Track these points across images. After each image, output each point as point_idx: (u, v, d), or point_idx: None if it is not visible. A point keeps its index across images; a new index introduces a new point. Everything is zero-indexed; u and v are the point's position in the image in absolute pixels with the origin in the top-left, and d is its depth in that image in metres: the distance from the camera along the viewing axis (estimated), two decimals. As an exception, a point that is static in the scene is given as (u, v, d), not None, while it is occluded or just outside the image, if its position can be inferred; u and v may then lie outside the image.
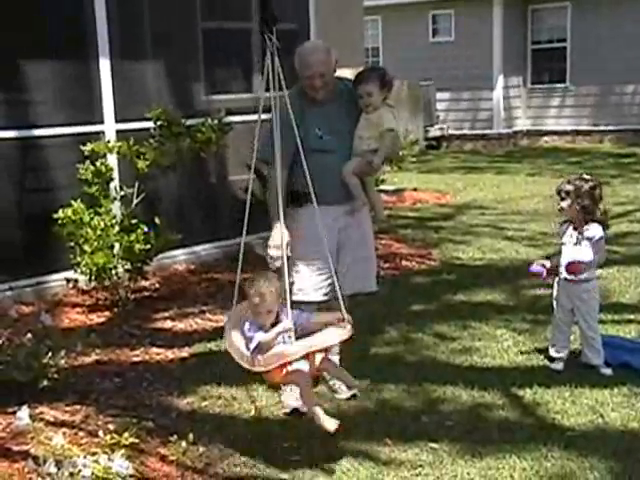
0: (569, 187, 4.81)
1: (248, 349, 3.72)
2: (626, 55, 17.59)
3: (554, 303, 5.05)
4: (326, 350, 3.92)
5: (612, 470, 3.74)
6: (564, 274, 4.88)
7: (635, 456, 3.85)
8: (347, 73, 4.81)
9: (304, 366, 3.76)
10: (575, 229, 4.86)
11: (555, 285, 5.04)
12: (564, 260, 4.87)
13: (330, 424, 3.72)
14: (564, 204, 4.84)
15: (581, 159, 15.97)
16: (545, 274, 4.95)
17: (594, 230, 4.79)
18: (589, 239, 4.79)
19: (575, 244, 4.84)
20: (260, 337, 3.69)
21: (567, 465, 3.79)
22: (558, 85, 19.15)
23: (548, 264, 4.96)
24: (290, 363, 3.70)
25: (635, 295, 6.50)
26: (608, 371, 4.84)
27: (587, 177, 4.90)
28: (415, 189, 12.53)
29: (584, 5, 18.29)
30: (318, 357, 3.82)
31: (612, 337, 5.18)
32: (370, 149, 4.32)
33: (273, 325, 3.74)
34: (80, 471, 3.38)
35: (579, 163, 15.39)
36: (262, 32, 3.87)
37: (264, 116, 4.09)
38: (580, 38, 18.43)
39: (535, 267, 4.97)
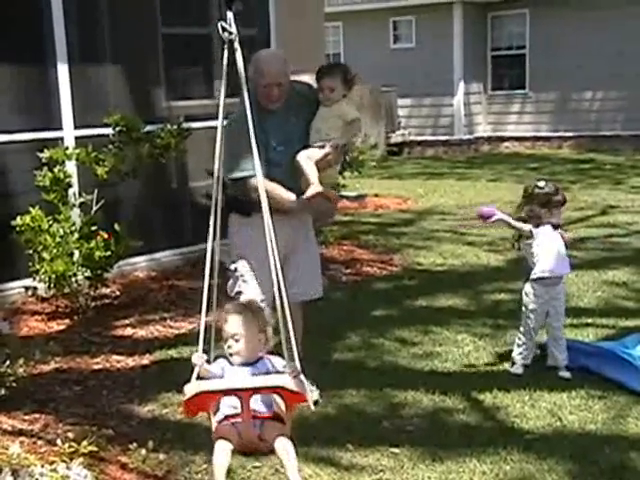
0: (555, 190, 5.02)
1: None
2: (584, 62, 17.86)
3: (527, 310, 5.03)
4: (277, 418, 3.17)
5: (570, 472, 3.79)
6: (545, 274, 4.94)
7: (592, 458, 3.90)
8: (308, 79, 4.81)
9: (234, 422, 3.10)
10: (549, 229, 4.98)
11: (529, 291, 5.01)
12: (559, 259, 4.96)
13: None
14: (563, 195, 5.02)
15: (541, 165, 16.16)
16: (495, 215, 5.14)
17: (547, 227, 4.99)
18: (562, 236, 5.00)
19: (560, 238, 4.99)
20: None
21: (526, 468, 3.83)
22: (518, 91, 19.38)
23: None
24: (215, 413, 3.16)
25: (593, 299, 6.59)
26: (567, 374, 4.90)
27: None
28: (377, 195, 12.59)
29: (542, 12, 18.54)
30: (256, 425, 3.09)
31: (571, 341, 5.23)
32: (329, 139, 4.29)
33: (253, 363, 3.23)
34: (37, 480, 3.34)
35: (539, 169, 15.58)
36: (220, 19, 3.68)
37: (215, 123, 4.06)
38: (539, 45, 18.67)
39: (486, 209, 5.20)
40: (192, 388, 3.07)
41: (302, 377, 3.10)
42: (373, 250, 8.74)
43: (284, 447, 3.06)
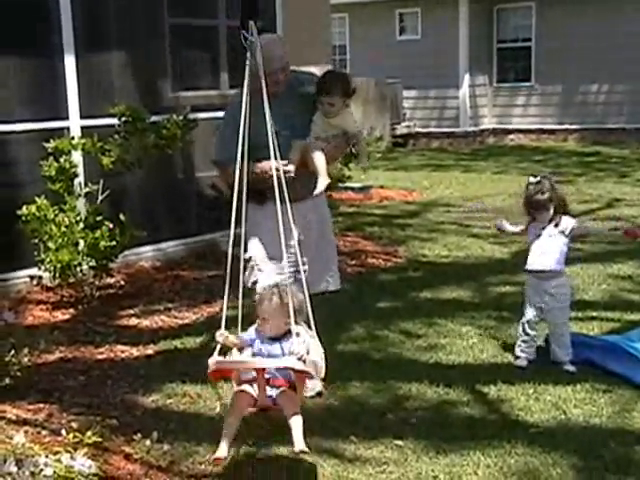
0: (546, 182, 4.96)
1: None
2: (590, 55, 17.80)
3: (526, 302, 5.07)
4: (290, 386, 3.64)
5: (574, 466, 3.79)
6: (536, 265, 4.94)
7: (597, 452, 3.90)
8: (315, 72, 4.80)
9: (249, 389, 3.60)
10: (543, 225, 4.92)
11: (525, 282, 5.09)
12: (538, 250, 4.94)
13: (219, 451, 3.50)
14: (545, 197, 4.90)
15: (546, 157, 16.14)
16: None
17: (568, 222, 4.91)
18: (563, 232, 4.90)
19: (550, 236, 4.91)
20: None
21: (530, 461, 3.83)
22: (523, 84, 19.32)
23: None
24: (239, 378, 3.65)
25: (597, 292, 6.58)
26: (572, 368, 4.89)
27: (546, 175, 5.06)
28: (382, 187, 12.57)
29: (548, 5, 18.48)
30: (273, 390, 3.59)
31: (575, 334, 5.22)
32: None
33: (280, 338, 3.69)
34: (42, 470, 3.34)
35: (544, 161, 15.55)
36: (241, 26, 3.83)
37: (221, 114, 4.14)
38: (544, 38, 18.61)
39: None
40: (212, 363, 3.56)
41: (311, 357, 3.56)
42: (378, 242, 8.73)
43: (295, 422, 3.54)
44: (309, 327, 3.80)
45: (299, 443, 3.48)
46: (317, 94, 4.36)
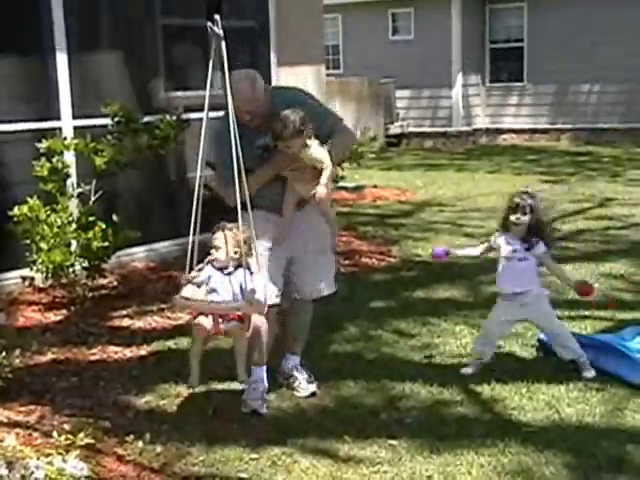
0: (530, 201, 4.72)
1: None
2: (582, 55, 17.83)
3: (492, 314, 4.97)
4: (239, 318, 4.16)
5: (567, 464, 3.79)
6: (508, 289, 4.79)
7: (590, 450, 3.90)
8: (307, 71, 4.80)
9: (206, 323, 4.10)
10: (517, 243, 4.74)
11: (499, 299, 4.92)
12: (508, 276, 4.78)
13: (191, 380, 4.23)
14: (525, 218, 4.69)
15: (539, 157, 16.15)
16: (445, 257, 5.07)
17: (541, 247, 4.76)
18: (537, 256, 4.76)
19: (520, 260, 4.74)
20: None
21: (524, 460, 3.83)
22: (516, 84, 19.35)
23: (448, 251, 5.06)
24: (195, 313, 4.17)
25: (591, 291, 6.57)
26: (590, 374, 4.74)
27: (532, 192, 4.91)
28: (375, 186, 12.57)
29: (540, 5, 18.50)
30: (224, 322, 4.12)
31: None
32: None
33: (230, 273, 4.15)
34: (32, 473, 3.33)
35: (537, 161, 15.58)
36: (207, 19, 3.82)
37: (213, 114, 4.14)
38: (537, 38, 18.64)
39: (438, 250, 5.10)
40: (179, 304, 4.26)
41: (257, 296, 4.00)
42: (371, 241, 8.73)
43: (240, 351, 4.21)
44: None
45: (241, 375, 4.20)
46: (273, 140, 4.31)
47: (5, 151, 6.71)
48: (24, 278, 6.34)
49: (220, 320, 4.13)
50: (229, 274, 4.15)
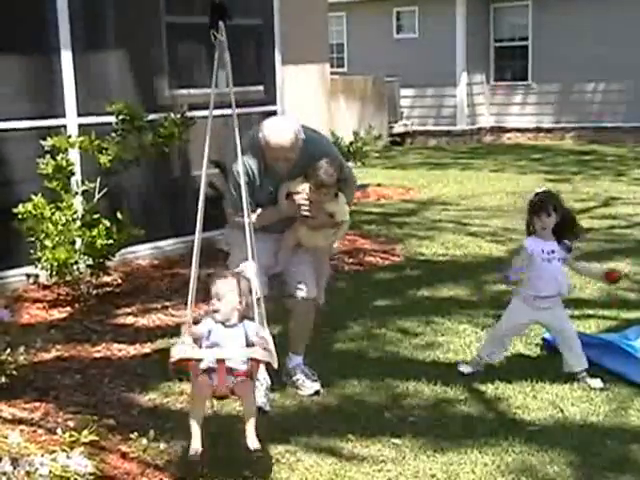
0: (553, 201, 4.67)
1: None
2: (586, 53, 17.79)
3: (507, 316, 4.91)
4: (246, 374, 3.65)
5: (571, 464, 3.79)
6: (549, 291, 4.71)
7: (594, 450, 3.91)
8: (311, 69, 4.81)
9: (210, 379, 3.59)
10: (553, 243, 4.67)
11: (516, 300, 4.87)
12: (548, 278, 4.68)
13: (193, 446, 3.53)
14: (550, 220, 4.63)
15: (543, 156, 16.14)
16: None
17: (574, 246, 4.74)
18: (567, 256, 4.73)
19: (559, 260, 4.67)
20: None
21: (527, 459, 3.83)
22: (520, 83, 19.32)
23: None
24: (198, 370, 3.60)
25: (595, 291, 6.57)
26: (598, 384, 4.64)
27: (550, 190, 4.86)
28: (379, 185, 12.56)
29: (545, 4, 18.47)
30: (231, 378, 3.61)
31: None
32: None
33: (232, 326, 3.73)
34: (37, 470, 3.32)
35: (541, 160, 15.56)
36: (210, 27, 3.88)
37: (218, 112, 4.18)
38: (541, 36, 18.61)
39: (513, 275, 4.80)
40: (178, 352, 3.61)
41: (270, 346, 3.64)
42: (376, 240, 8.73)
43: (249, 413, 3.63)
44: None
45: (252, 441, 3.55)
46: (309, 180, 4.41)
47: (10, 148, 6.72)
48: (29, 275, 6.35)
49: (228, 378, 3.60)
50: (232, 327, 3.72)
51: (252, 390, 3.69)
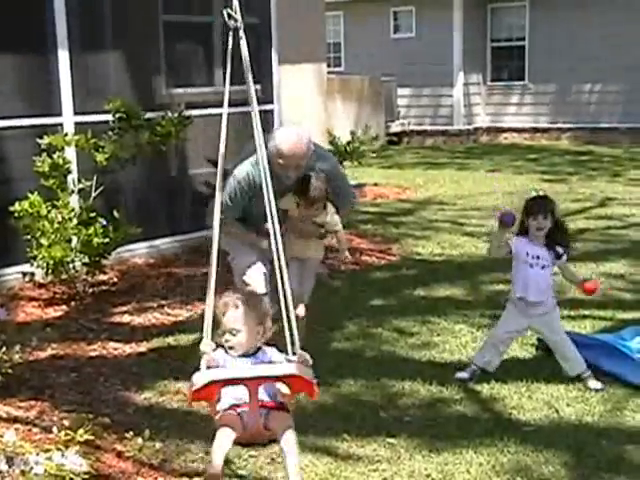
0: (550, 205, 4.66)
1: None
2: (583, 54, 17.81)
3: (501, 322, 4.90)
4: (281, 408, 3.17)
5: (566, 464, 3.79)
6: (531, 297, 4.69)
7: (589, 450, 3.91)
8: (308, 69, 4.81)
9: (244, 415, 3.09)
10: (541, 249, 4.65)
11: (509, 306, 4.86)
12: (531, 283, 4.67)
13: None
14: (546, 222, 4.62)
15: (539, 156, 16.15)
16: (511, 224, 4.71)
17: (565, 256, 4.71)
18: (560, 263, 4.72)
19: (544, 267, 4.66)
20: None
21: (522, 460, 3.84)
22: (517, 83, 19.33)
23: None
24: (219, 402, 3.11)
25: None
26: (598, 385, 4.63)
27: (549, 196, 4.82)
28: (376, 184, 12.56)
29: (542, 4, 18.48)
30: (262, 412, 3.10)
31: (568, 333, 5.22)
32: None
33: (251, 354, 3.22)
34: (32, 468, 3.32)
35: (537, 160, 15.57)
36: (225, 6, 3.71)
37: (216, 111, 4.15)
38: (538, 37, 18.62)
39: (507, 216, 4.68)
40: (203, 377, 3.01)
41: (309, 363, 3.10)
42: (372, 239, 8.73)
43: (289, 445, 3.06)
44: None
45: (293, 473, 3.03)
46: (299, 197, 4.48)
47: (6, 147, 6.71)
48: (24, 274, 6.35)
49: (260, 412, 3.08)
50: (249, 356, 3.21)
51: (291, 425, 3.10)
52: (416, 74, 18.92)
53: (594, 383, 4.64)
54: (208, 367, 3.10)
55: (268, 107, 8.31)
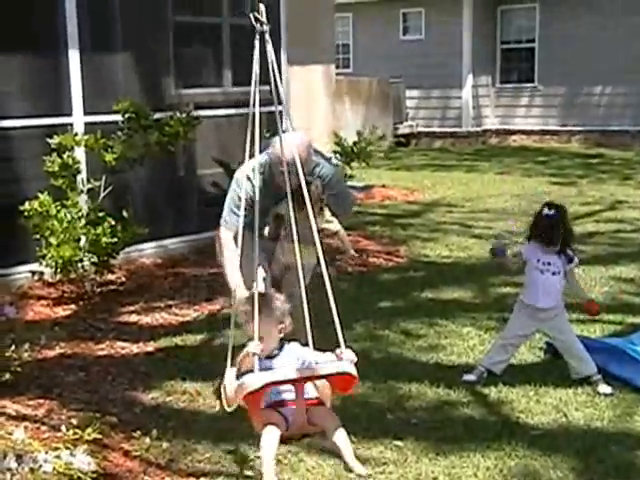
0: (561, 214, 4.66)
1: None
2: (593, 56, 17.76)
3: (509, 325, 4.90)
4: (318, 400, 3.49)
5: (575, 469, 3.77)
6: (542, 304, 4.71)
7: (598, 455, 3.89)
8: (317, 70, 4.81)
9: (286, 413, 3.38)
10: (552, 255, 4.67)
11: (518, 308, 4.87)
12: (542, 289, 4.70)
13: None
14: (557, 247, 4.65)
15: (548, 159, 16.11)
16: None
17: (575, 260, 4.73)
18: (569, 269, 4.73)
19: (554, 274, 4.68)
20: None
21: (530, 464, 3.82)
22: (526, 85, 19.29)
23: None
24: (266, 403, 3.31)
25: (600, 295, 6.55)
26: (607, 389, 4.60)
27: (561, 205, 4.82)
28: (384, 186, 12.55)
29: (552, 7, 18.43)
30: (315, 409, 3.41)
31: (577, 337, 5.21)
32: None
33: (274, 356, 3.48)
34: (41, 467, 3.34)
35: (546, 163, 15.54)
36: (252, 11, 3.73)
37: (223, 112, 4.14)
38: (548, 39, 18.58)
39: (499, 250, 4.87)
40: (259, 379, 3.17)
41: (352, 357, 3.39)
42: (379, 241, 8.72)
43: (342, 437, 3.42)
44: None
45: (357, 467, 3.42)
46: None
47: (17, 146, 6.74)
48: (34, 273, 6.37)
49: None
50: (274, 357, 3.50)
51: (333, 415, 3.43)
52: (425, 76, 18.91)
53: (604, 387, 4.62)
54: (240, 369, 3.33)
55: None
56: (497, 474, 3.73)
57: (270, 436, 3.31)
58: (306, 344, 3.54)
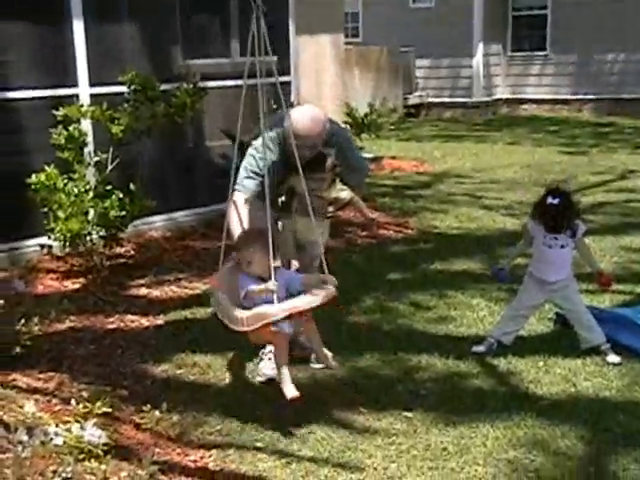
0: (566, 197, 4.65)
1: (239, 302, 3.89)
2: (606, 24, 17.55)
3: (519, 296, 4.90)
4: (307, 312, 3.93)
5: (582, 438, 3.79)
6: (551, 278, 4.72)
7: (606, 424, 3.90)
8: (325, 40, 4.76)
9: (287, 328, 3.82)
10: (558, 231, 4.65)
11: (527, 280, 4.87)
12: (550, 264, 4.71)
13: (289, 391, 3.81)
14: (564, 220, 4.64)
15: (560, 128, 15.99)
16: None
17: (582, 228, 4.71)
18: (577, 240, 4.72)
19: (563, 247, 4.67)
20: (249, 287, 3.87)
21: (539, 433, 3.83)
22: (538, 53, 19.10)
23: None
24: (274, 324, 3.74)
25: (609, 265, 6.53)
26: (616, 359, 4.60)
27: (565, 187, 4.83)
28: (394, 157, 12.49)
29: (565, -27, 18.21)
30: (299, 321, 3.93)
31: (586, 307, 5.19)
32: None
33: (266, 279, 3.85)
34: (52, 440, 3.36)
35: (557, 132, 15.42)
36: None
37: (232, 82, 4.12)
38: (560, 6, 18.36)
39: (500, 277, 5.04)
40: (282, 309, 3.73)
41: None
42: (389, 213, 8.69)
43: (318, 342, 4.07)
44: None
45: (327, 358, 4.06)
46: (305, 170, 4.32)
47: (22, 118, 6.70)
48: (42, 246, 6.37)
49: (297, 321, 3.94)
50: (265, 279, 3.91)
51: (313, 325, 4.02)
52: (435, 45, 18.72)
53: (612, 357, 4.62)
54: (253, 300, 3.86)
55: (285, 79, 8.25)
56: (506, 444, 3.75)
57: (281, 354, 3.89)
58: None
